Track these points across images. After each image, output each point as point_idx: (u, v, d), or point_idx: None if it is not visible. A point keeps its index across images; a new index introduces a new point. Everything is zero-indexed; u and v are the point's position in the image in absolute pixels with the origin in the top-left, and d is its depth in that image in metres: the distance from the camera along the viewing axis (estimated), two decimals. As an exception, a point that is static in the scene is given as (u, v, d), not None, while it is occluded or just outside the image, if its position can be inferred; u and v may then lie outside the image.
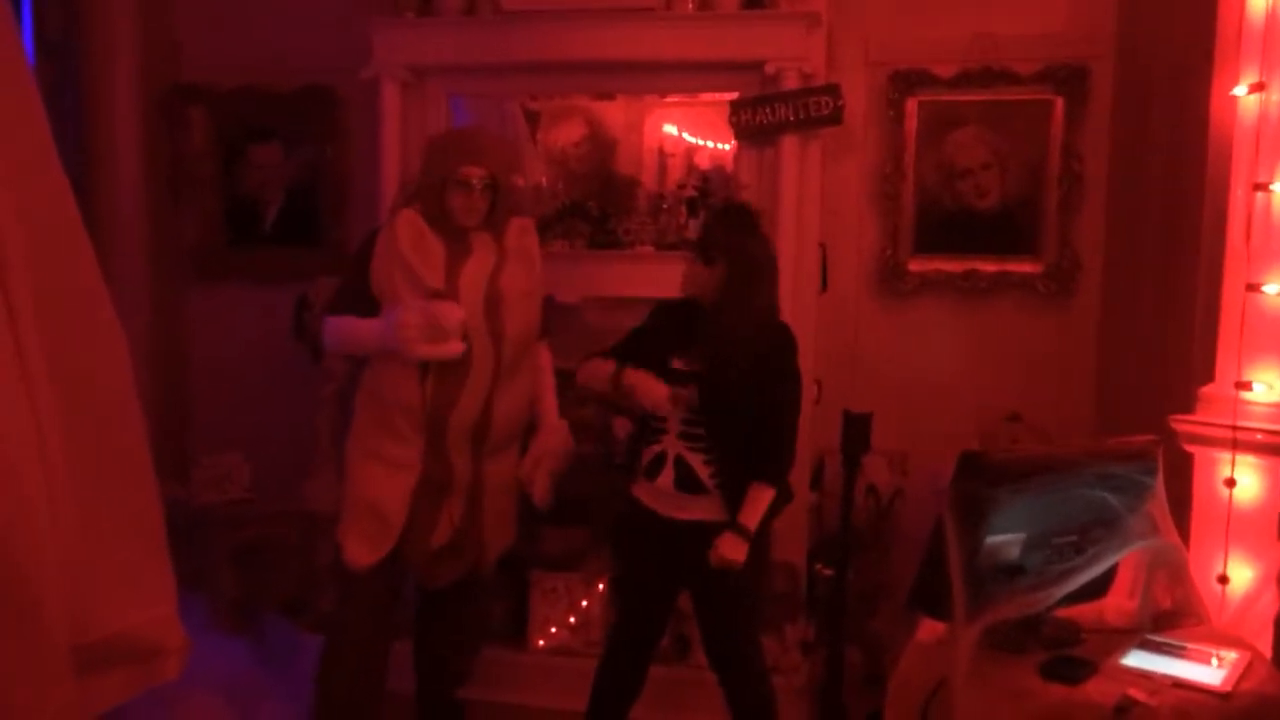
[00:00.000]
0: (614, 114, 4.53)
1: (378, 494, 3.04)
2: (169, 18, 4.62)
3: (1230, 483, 2.71)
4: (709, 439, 2.88)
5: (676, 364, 2.92)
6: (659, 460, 2.94)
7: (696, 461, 2.89)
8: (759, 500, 2.82)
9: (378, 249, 3.05)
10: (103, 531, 2.00)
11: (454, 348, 2.95)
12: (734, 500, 2.85)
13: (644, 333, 3.05)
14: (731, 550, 2.79)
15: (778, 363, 2.87)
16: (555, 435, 3.22)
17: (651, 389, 2.86)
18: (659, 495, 2.95)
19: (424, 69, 4.02)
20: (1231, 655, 2.31)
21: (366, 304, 3.05)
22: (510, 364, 3.08)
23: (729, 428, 2.84)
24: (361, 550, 3.04)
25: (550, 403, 3.27)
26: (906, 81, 4.16)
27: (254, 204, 4.65)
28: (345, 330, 3.09)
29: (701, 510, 2.89)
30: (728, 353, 2.83)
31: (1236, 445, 2.68)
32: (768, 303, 2.94)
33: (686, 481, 2.89)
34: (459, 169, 3.01)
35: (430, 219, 3.05)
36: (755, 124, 3.80)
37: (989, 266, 4.17)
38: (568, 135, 4.51)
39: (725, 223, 2.95)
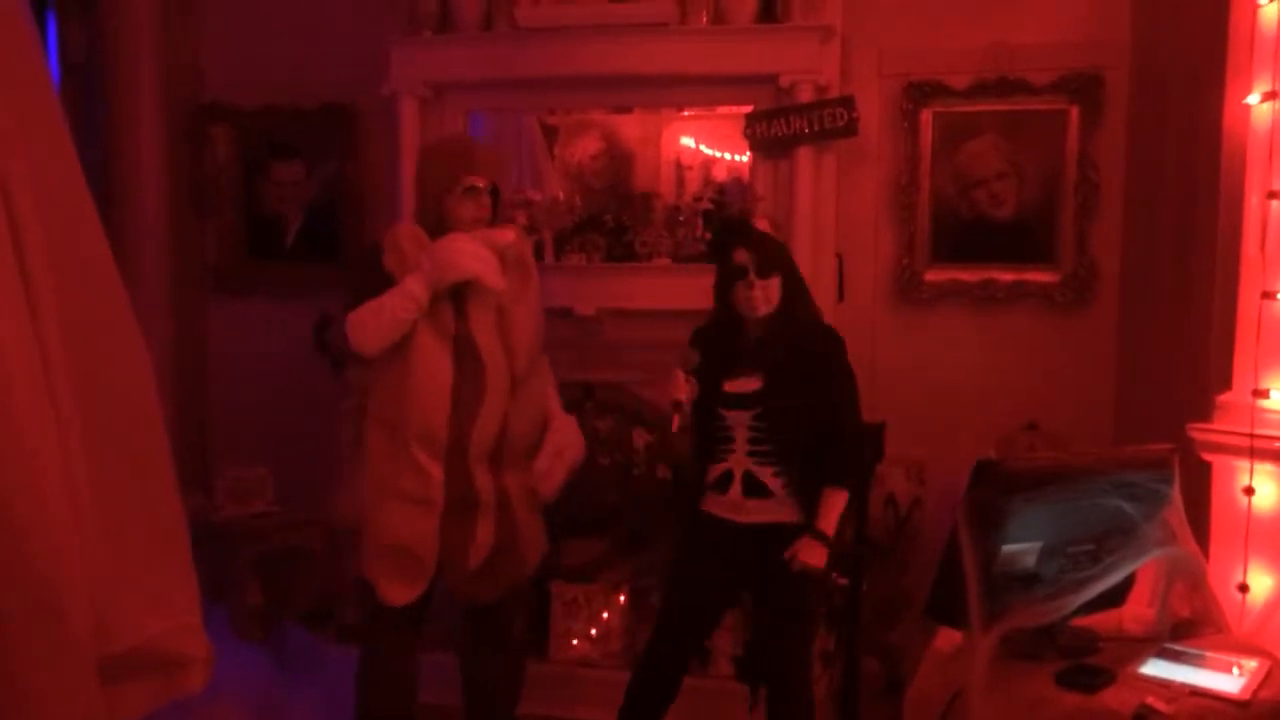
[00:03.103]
0: (630, 127, 4.56)
1: (406, 535, 2.95)
2: (191, 39, 4.70)
3: (1249, 491, 2.70)
4: (776, 453, 2.90)
5: (729, 387, 2.94)
6: (726, 477, 2.96)
7: (765, 474, 2.92)
8: (835, 504, 2.86)
9: (387, 261, 2.96)
10: (128, 543, 2.03)
11: (497, 278, 2.91)
12: (804, 503, 2.89)
13: (697, 369, 3.00)
14: (810, 555, 2.81)
15: (832, 364, 2.92)
16: (569, 430, 3.19)
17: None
18: (727, 505, 2.98)
19: (442, 85, 4.05)
20: (1251, 664, 2.31)
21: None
22: (523, 375, 3.05)
23: (794, 438, 2.88)
24: (398, 590, 2.97)
25: (557, 403, 3.24)
26: (921, 93, 4.17)
27: (275, 220, 4.71)
28: (379, 304, 2.89)
29: (768, 512, 2.92)
30: (783, 364, 2.88)
31: (1254, 453, 2.67)
32: (811, 306, 3.03)
33: (754, 490, 2.93)
34: (464, 177, 2.96)
35: (430, 232, 2.99)
36: (771, 136, 3.82)
37: (1006, 276, 4.17)
38: (585, 149, 4.55)
39: (757, 233, 3.03)
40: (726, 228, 3.11)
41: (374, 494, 3.02)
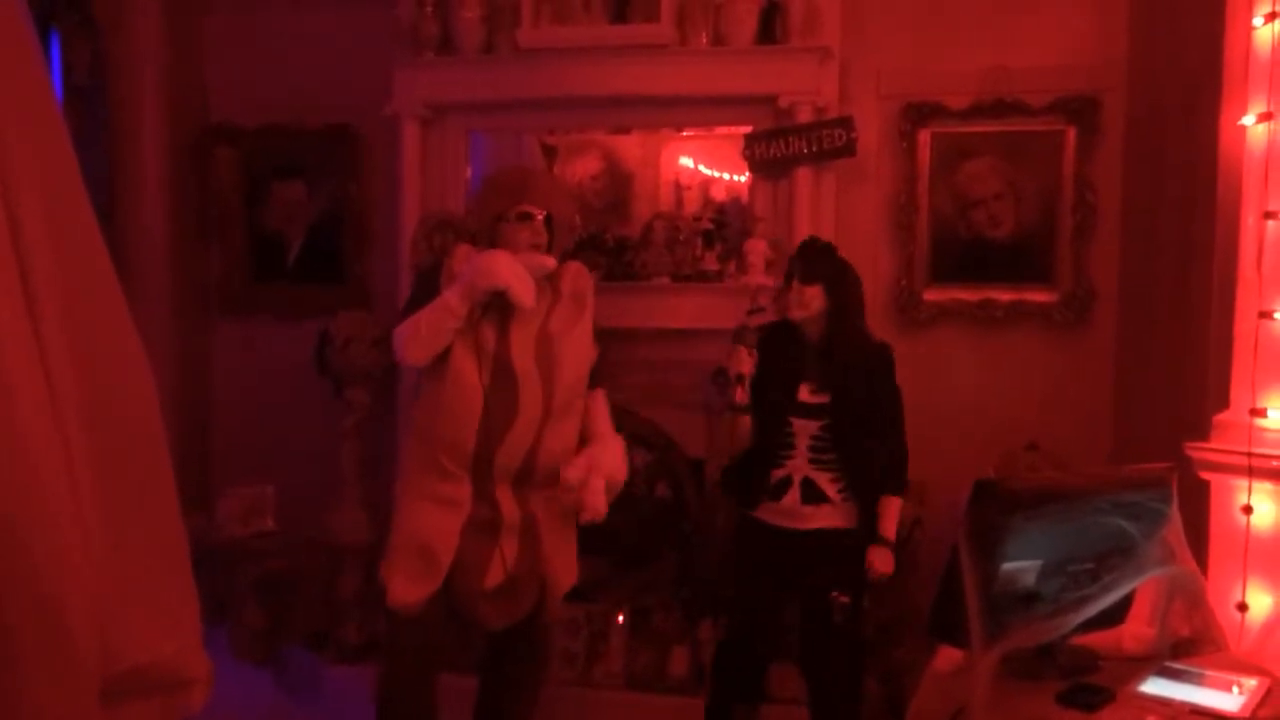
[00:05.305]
0: (630, 148, 4.59)
1: (425, 531, 2.97)
2: (194, 60, 4.73)
3: (1247, 510, 2.70)
4: (840, 460, 3.13)
5: (804, 396, 3.14)
6: (784, 484, 3.16)
7: (823, 480, 3.14)
8: (893, 511, 3.14)
9: (444, 280, 3.00)
10: (130, 562, 2.03)
11: (529, 294, 2.92)
12: (861, 508, 3.13)
13: (764, 371, 3.19)
14: (883, 563, 3.10)
15: (887, 380, 3.17)
16: (610, 448, 3.07)
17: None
18: (780, 513, 3.17)
19: (443, 106, 4.09)
20: (1251, 682, 2.30)
21: None
22: (561, 407, 3.01)
23: (857, 447, 3.11)
24: (406, 589, 2.96)
25: (606, 424, 3.16)
26: (919, 113, 4.20)
27: (278, 240, 4.73)
28: (418, 315, 2.95)
29: (824, 518, 3.14)
30: (848, 380, 3.11)
31: (1252, 472, 2.68)
32: (862, 319, 3.22)
33: (812, 496, 3.14)
34: (518, 205, 3.01)
35: None
36: (769, 157, 3.85)
37: (1004, 295, 4.19)
38: (585, 169, 4.58)
39: (816, 247, 3.21)
40: (801, 243, 3.35)
41: (405, 499, 3.06)
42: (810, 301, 3.12)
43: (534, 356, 2.98)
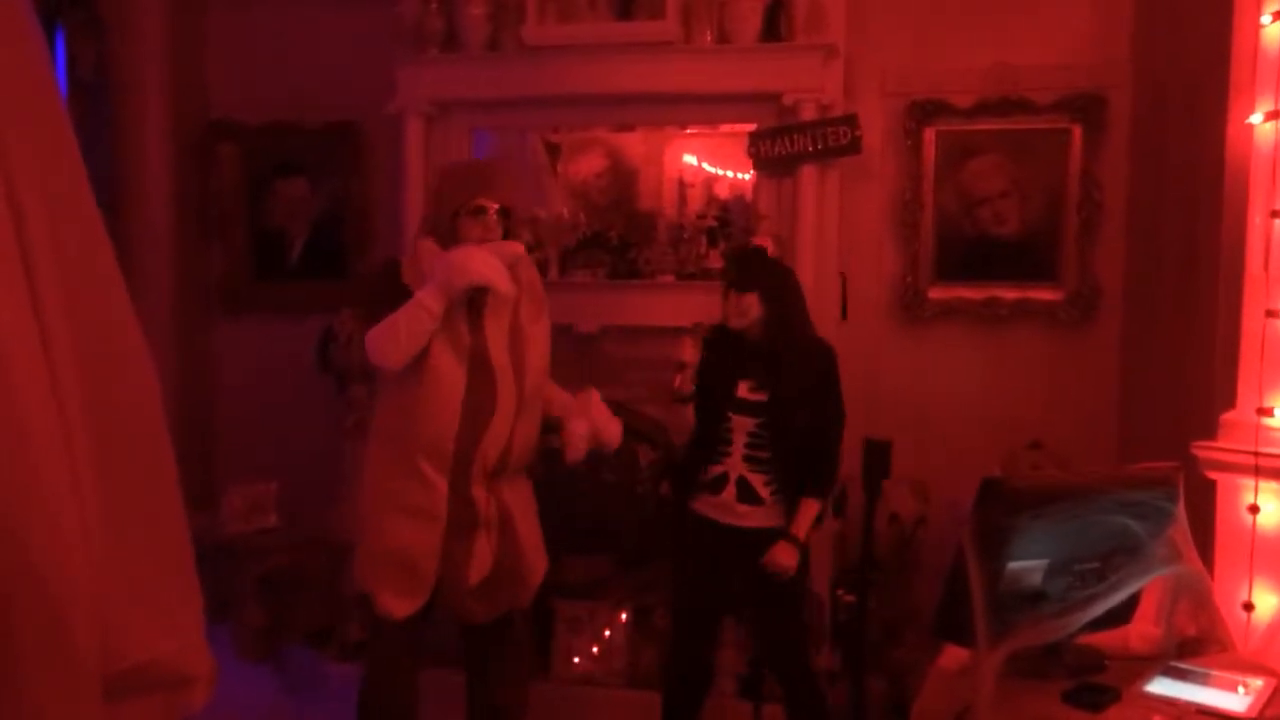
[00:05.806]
0: (634, 145, 4.58)
1: (406, 547, 2.94)
2: (198, 57, 4.73)
3: (1253, 509, 2.69)
4: (772, 460, 3.15)
5: (742, 393, 3.16)
6: (721, 479, 3.19)
7: (758, 481, 3.16)
8: (808, 513, 3.15)
9: (405, 276, 2.97)
10: (133, 559, 2.02)
11: (508, 283, 2.92)
12: (789, 509, 3.15)
13: (704, 368, 3.30)
14: (786, 557, 3.10)
15: (826, 381, 3.18)
16: (597, 402, 3.18)
17: None
18: (719, 507, 3.21)
19: (447, 103, 4.08)
20: (1257, 682, 2.29)
21: None
22: (530, 398, 3.03)
23: (790, 448, 3.13)
24: (397, 603, 2.97)
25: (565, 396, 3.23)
26: (924, 111, 4.19)
27: (280, 238, 4.73)
28: (393, 319, 2.87)
29: (758, 518, 3.16)
30: (785, 380, 3.12)
31: (1259, 472, 2.66)
32: (805, 322, 3.22)
33: (746, 495, 3.17)
34: (473, 199, 2.97)
35: (445, 249, 2.98)
36: (774, 154, 3.84)
37: (1009, 294, 4.18)
38: (588, 167, 4.57)
39: (750, 257, 3.30)
40: (736, 252, 3.42)
41: (375, 507, 3.02)
42: (747, 310, 3.13)
43: (508, 349, 2.99)
